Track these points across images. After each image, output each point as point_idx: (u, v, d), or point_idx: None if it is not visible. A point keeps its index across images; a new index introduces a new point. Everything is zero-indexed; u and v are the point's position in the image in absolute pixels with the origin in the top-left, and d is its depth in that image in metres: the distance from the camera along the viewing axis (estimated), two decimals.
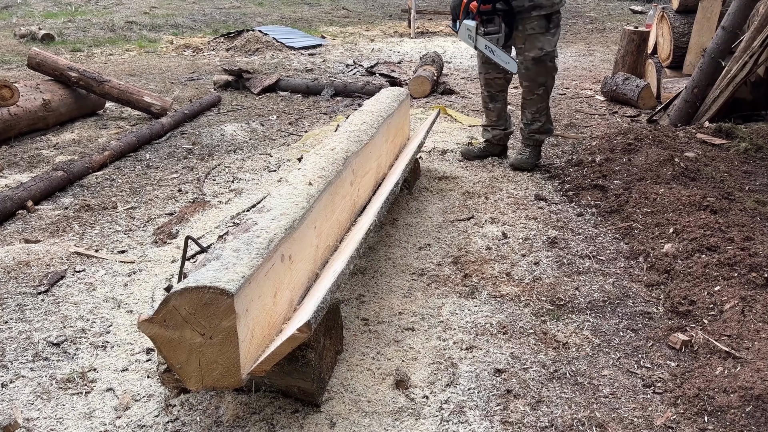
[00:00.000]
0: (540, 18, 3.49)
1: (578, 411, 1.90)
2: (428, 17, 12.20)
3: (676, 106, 4.69)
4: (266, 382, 1.93)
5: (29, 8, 12.21)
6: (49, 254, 2.86)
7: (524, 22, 3.52)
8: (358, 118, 2.96)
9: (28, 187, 3.43)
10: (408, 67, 7.50)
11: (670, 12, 5.57)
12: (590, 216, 3.28)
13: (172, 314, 1.56)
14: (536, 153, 3.93)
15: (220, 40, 9.08)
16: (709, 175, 3.52)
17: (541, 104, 3.78)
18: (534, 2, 3.44)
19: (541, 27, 3.51)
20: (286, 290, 1.85)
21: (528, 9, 3.46)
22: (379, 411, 1.91)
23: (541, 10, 3.47)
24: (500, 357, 2.16)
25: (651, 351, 2.20)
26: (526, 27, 3.52)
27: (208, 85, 6.55)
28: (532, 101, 3.77)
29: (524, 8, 3.46)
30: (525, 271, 2.74)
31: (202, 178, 3.90)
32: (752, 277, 2.40)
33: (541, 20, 3.50)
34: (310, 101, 5.98)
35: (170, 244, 3.02)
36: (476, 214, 3.31)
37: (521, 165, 3.90)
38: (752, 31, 4.34)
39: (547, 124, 3.86)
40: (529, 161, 3.90)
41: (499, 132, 4.04)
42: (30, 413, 1.92)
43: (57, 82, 4.93)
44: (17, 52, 7.86)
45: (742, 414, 1.81)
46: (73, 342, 2.26)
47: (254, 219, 1.89)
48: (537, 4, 3.45)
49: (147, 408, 1.94)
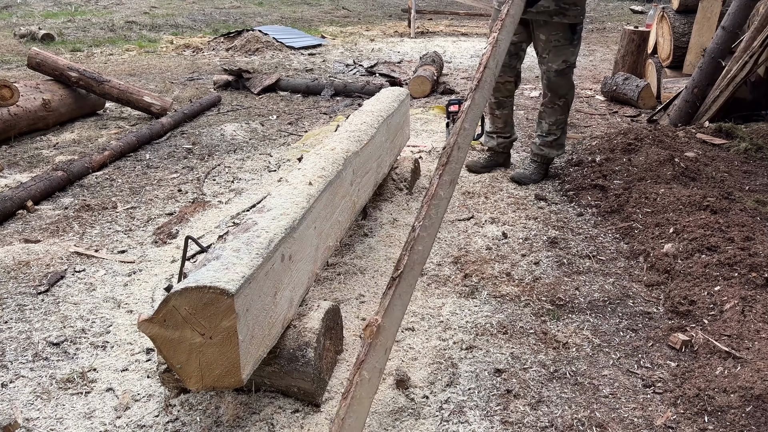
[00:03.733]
0: (564, 28, 3.37)
1: (578, 411, 1.90)
2: (428, 17, 12.20)
3: (676, 106, 4.69)
4: (266, 382, 1.93)
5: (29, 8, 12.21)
6: (49, 254, 2.86)
7: (548, 30, 3.39)
8: (358, 118, 2.96)
9: (28, 187, 3.43)
10: (408, 67, 7.51)
11: (670, 12, 5.58)
12: (590, 216, 3.28)
13: (172, 314, 1.56)
14: (542, 171, 3.79)
15: (220, 40, 9.08)
16: (709, 175, 3.52)
17: (560, 116, 3.67)
18: (559, 7, 3.29)
19: (566, 38, 3.40)
20: (286, 290, 1.85)
21: (552, 13, 3.32)
22: (379, 411, 1.91)
23: (564, 17, 3.33)
24: (500, 357, 2.16)
25: (651, 351, 2.20)
26: (551, 37, 3.40)
27: (208, 85, 6.55)
28: (552, 111, 3.65)
29: (548, 11, 3.32)
30: (525, 271, 2.74)
31: (202, 178, 3.90)
32: (752, 277, 2.40)
33: (566, 31, 3.38)
34: (310, 101, 5.98)
35: (170, 244, 3.02)
36: (476, 214, 3.31)
37: (521, 179, 3.75)
38: (752, 31, 4.34)
39: (561, 138, 3.73)
40: (531, 177, 3.75)
41: (504, 140, 3.93)
42: (30, 413, 1.92)
43: (57, 82, 4.92)
44: (17, 52, 7.86)
45: (742, 414, 1.81)
46: (73, 342, 2.26)
47: (254, 219, 1.89)
48: (562, 10, 3.30)
49: (147, 408, 1.94)
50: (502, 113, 3.84)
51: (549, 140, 3.72)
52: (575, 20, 3.38)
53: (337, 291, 2.57)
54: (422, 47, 8.90)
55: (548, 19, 3.36)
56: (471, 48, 9.01)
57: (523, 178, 3.76)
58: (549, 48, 3.45)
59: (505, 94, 3.77)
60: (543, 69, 3.56)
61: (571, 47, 3.45)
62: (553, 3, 3.30)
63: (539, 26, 3.43)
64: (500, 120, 3.87)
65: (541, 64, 3.57)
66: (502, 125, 3.88)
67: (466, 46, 9.15)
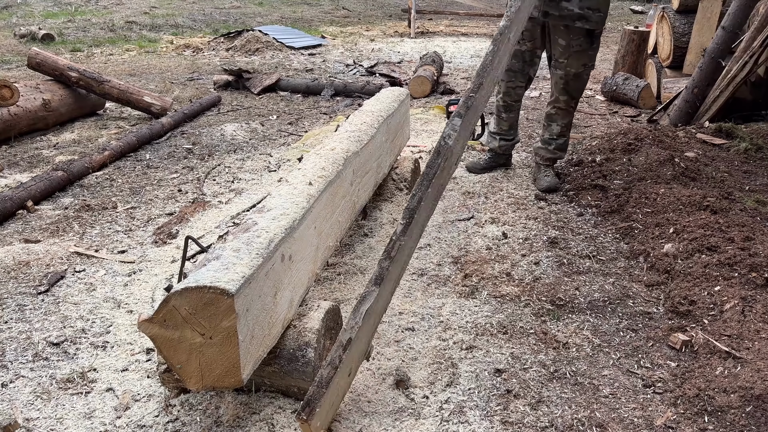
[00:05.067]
0: (584, 33, 3.33)
1: (578, 411, 1.90)
2: (428, 17, 12.20)
3: (676, 106, 4.69)
4: (266, 382, 1.93)
5: (29, 8, 12.21)
6: (49, 254, 2.86)
7: (569, 35, 3.34)
8: (358, 118, 2.96)
9: (28, 187, 3.43)
10: (408, 67, 7.51)
11: (670, 12, 5.58)
12: (590, 216, 3.28)
13: (172, 314, 1.56)
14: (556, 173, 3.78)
15: (220, 40, 9.08)
16: (709, 175, 3.52)
17: (571, 117, 3.67)
18: (583, 12, 3.27)
19: (587, 43, 3.37)
20: (286, 290, 1.85)
21: (575, 17, 3.27)
22: (379, 411, 1.91)
23: (587, 23, 3.29)
24: (500, 357, 2.16)
25: (651, 351, 2.20)
26: (572, 42, 3.35)
27: (208, 85, 6.55)
28: (565, 113, 3.62)
29: (571, 15, 3.27)
30: (525, 271, 2.74)
31: (202, 178, 3.90)
32: (752, 277, 2.40)
33: (586, 37, 3.34)
34: (310, 101, 5.98)
35: (170, 244, 3.02)
36: (476, 214, 3.31)
37: (552, 188, 3.63)
38: (752, 31, 4.34)
39: (568, 140, 3.73)
40: (558, 183, 3.68)
41: (506, 143, 3.90)
42: (30, 413, 1.92)
43: (57, 82, 4.92)
44: (17, 52, 7.86)
45: (742, 414, 1.81)
46: (73, 342, 2.26)
47: (254, 219, 1.89)
48: (585, 15, 3.26)
49: (147, 408, 1.94)
50: (509, 116, 3.82)
51: (560, 143, 3.69)
52: (597, 26, 3.33)
53: (337, 291, 2.57)
54: (422, 47, 8.90)
55: (570, 23, 3.30)
56: (471, 48, 9.01)
57: (553, 187, 3.64)
58: (569, 53, 3.39)
59: (514, 98, 3.75)
60: (559, 74, 3.48)
61: (590, 51, 3.41)
62: (576, 7, 3.25)
63: (558, 31, 3.37)
64: (506, 123, 3.84)
65: (556, 69, 3.49)
66: (507, 128, 3.86)
67: (466, 46, 9.15)
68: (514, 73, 3.64)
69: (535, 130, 4.85)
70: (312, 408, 1.63)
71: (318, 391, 1.65)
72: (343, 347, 1.72)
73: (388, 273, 1.87)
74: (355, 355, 1.79)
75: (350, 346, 1.73)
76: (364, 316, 1.77)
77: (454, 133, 2.10)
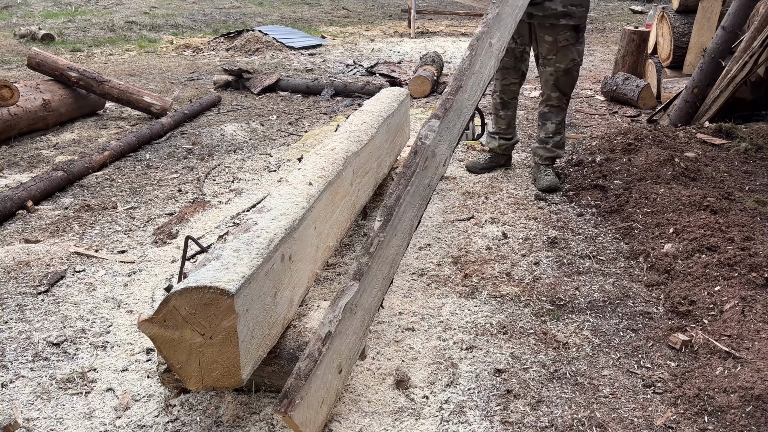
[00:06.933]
0: (570, 28, 3.41)
1: (578, 411, 1.90)
2: (428, 17, 12.21)
3: (676, 106, 4.69)
4: (266, 382, 1.93)
5: (29, 8, 12.21)
6: (49, 254, 2.86)
7: (556, 31, 3.41)
8: (358, 118, 2.96)
9: (28, 187, 3.43)
10: (408, 67, 7.51)
11: (670, 12, 5.58)
12: (590, 216, 3.28)
13: (172, 314, 1.56)
14: (556, 172, 3.79)
15: (220, 40, 9.08)
16: (709, 175, 3.52)
17: (564, 114, 3.70)
18: (567, 9, 3.33)
19: (573, 38, 3.44)
20: (286, 290, 1.85)
21: (559, 15, 3.35)
22: (379, 411, 1.91)
23: (571, 19, 3.37)
24: (500, 357, 2.16)
25: (651, 351, 2.20)
26: (558, 38, 3.42)
27: (208, 85, 6.55)
28: (558, 110, 3.65)
29: (556, 14, 3.35)
30: (525, 271, 2.74)
31: (202, 178, 3.90)
32: (752, 277, 2.40)
33: (571, 31, 3.42)
34: (310, 101, 5.98)
35: (170, 244, 3.02)
36: (476, 214, 3.31)
37: (553, 187, 3.63)
38: (752, 31, 4.34)
39: (564, 137, 3.75)
40: (558, 183, 3.68)
41: (505, 142, 3.91)
42: (30, 413, 1.92)
43: (57, 82, 4.93)
44: (17, 52, 7.86)
45: (742, 414, 1.81)
46: (73, 342, 2.26)
47: (254, 219, 1.89)
48: (569, 12, 3.35)
49: (147, 408, 1.94)
50: (506, 114, 3.84)
51: (557, 140, 3.72)
52: (581, 21, 3.42)
53: (337, 291, 2.57)
54: (422, 47, 8.90)
55: (555, 21, 3.38)
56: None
57: (553, 187, 3.64)
58: (556, 49, 3.47)
59: (510, 95, 3.78)
60: (549, 71, 3.54)
61: (578, 45, 3.49)
62: (560, 5, 3.34)
63: (544, 29, 3.45)
64: (504, 121, 3.86)
65: (545, 66, 3.56)
66: (506, 126, 3.87)
67: (466, 46, 9.14)
68: (507, 70, 3.70)
69: (535, 129, 4.84)
70: (291, 400, 1.56)
71: (296, 383, 1.60)
72: (322, 340, 1.68)
73: (369, 269, 1.86)
74: (344, 352, 1.78)
75: (331, 340, 1.70)
76: (344, 310, 1.75)
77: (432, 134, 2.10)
